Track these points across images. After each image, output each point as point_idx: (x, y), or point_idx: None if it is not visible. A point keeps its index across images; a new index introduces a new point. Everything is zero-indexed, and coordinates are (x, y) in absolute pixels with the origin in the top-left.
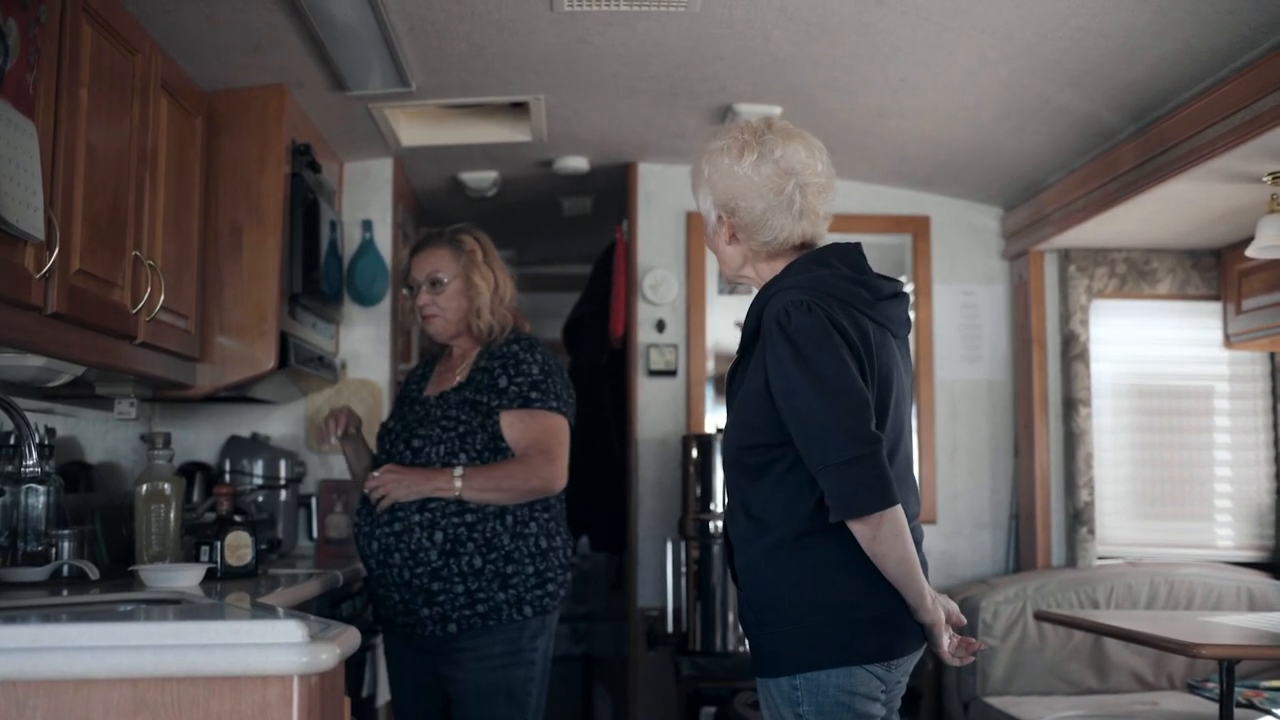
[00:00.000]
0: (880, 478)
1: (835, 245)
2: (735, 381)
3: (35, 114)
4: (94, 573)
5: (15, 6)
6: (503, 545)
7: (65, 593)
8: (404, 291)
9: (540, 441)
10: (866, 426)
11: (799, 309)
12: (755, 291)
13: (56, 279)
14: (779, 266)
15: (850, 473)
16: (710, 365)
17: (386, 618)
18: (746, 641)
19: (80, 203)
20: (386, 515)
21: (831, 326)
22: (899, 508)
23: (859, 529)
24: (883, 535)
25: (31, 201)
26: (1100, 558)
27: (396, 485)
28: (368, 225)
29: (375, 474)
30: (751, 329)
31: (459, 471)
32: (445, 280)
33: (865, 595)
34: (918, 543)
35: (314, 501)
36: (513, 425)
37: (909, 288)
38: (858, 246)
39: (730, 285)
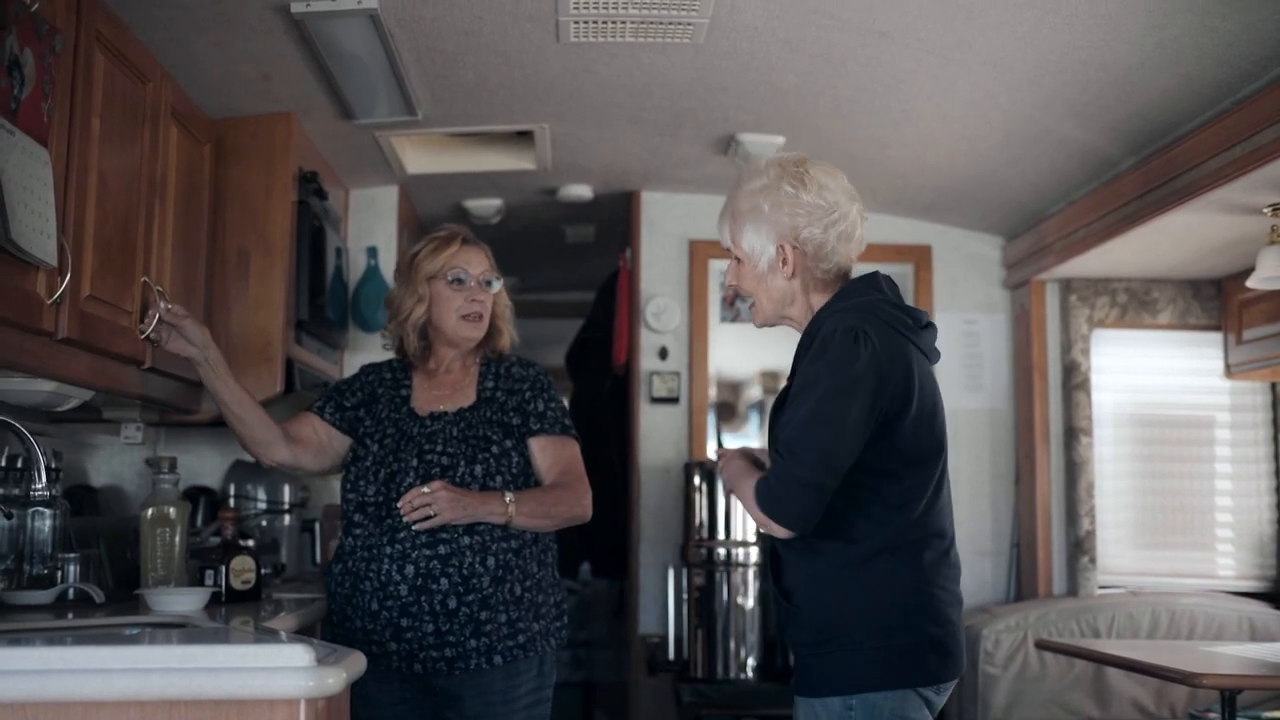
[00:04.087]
0: (813, 511)
1: (879, 273)
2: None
3: (49, 142)
4: (99, 596)
5: (31, 37)
6: (533, 573)
7: (70, 616)
8: (444, 282)
9: (574, 469)
10: (842, 462)
11: (848, 334)
12: (755, 322)
13: (67, 305)
14: (822, 300)
15: (806, 492)
16: (713, 392)
17: (395, 653)
18: (796, 659)
19: (91, 229)
20: (427, 536)
21: (871, 366)
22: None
23: (754, 512)
24: (763, 527)
25: (45, 228)
26: (1101, 587)
27: (453, 505)
28: (373, 252)
29: (425, 489)
30: (804, 352)
31: (510, 496)
32: (494, 283)
33: (924, 618)
34: (958, 569)
35: (317, 526)
36: (545, 450)
37: None
38: (891, 278)
39: (734, 314)
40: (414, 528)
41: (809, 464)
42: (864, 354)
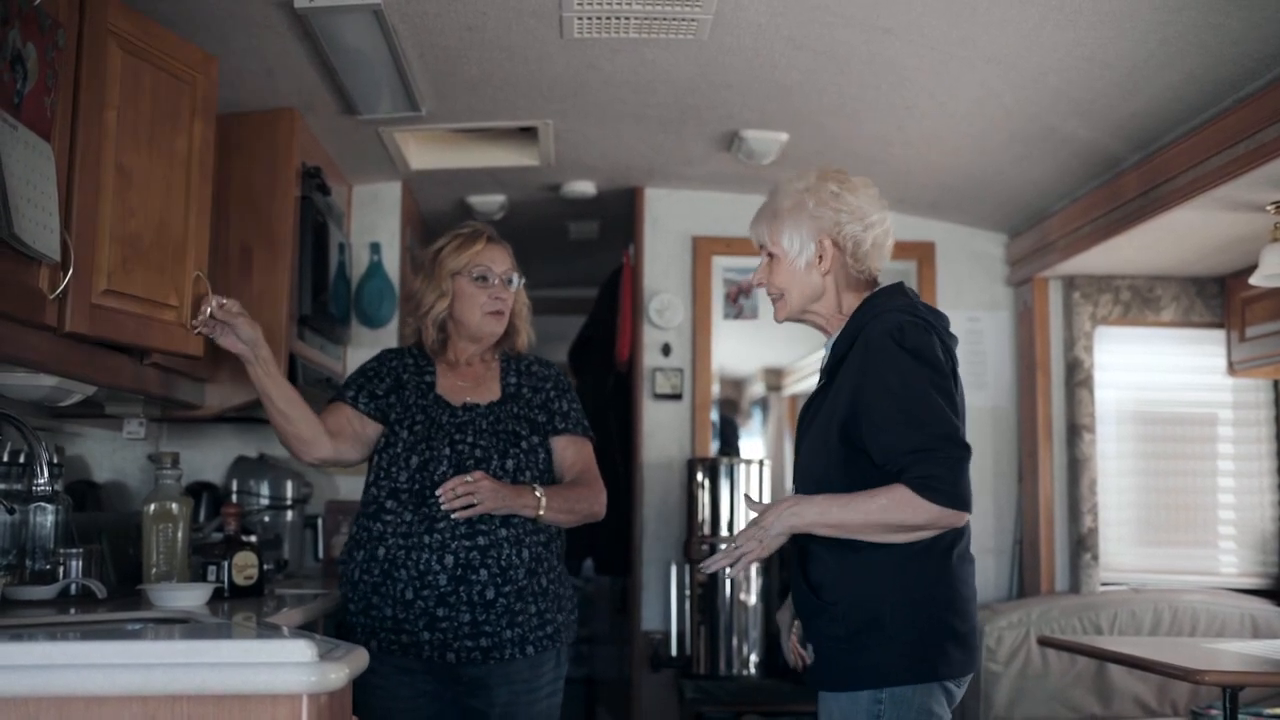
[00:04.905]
0: (969, 486)
1: (904, 283)
2: (819, 406)
3: (52, 136)
4: (101, 591)
5: (34, 31)
6: (555, 566)
7: (73, 611)
8: (468, 278)
9: (592, 468)
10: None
11: (915, 327)
12: (757, 316)
13: (73, 299)
14: (853, 300)
15: (962, 469)
16: (716, 389)
17: (428, 643)
18: (822, 654)
19: (108, 224)
20: (466, 527)
21: (938, 349)
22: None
23: (928, 513)
24: (935, 528)
25: (48, 223)
26: (1104, 584)
27: (494, 495)
28: (376, 248)
29: (467, 479)
30: (842, 353)
31: (540, 491)
32: (516, 282)
33: (953, 613)
34: (973, 562)
35: (320, 522)
36: (567, 449)
37: None
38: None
39: (737, 310)
40: (453, 516)
41: (962, 443)
42: (932, 340)
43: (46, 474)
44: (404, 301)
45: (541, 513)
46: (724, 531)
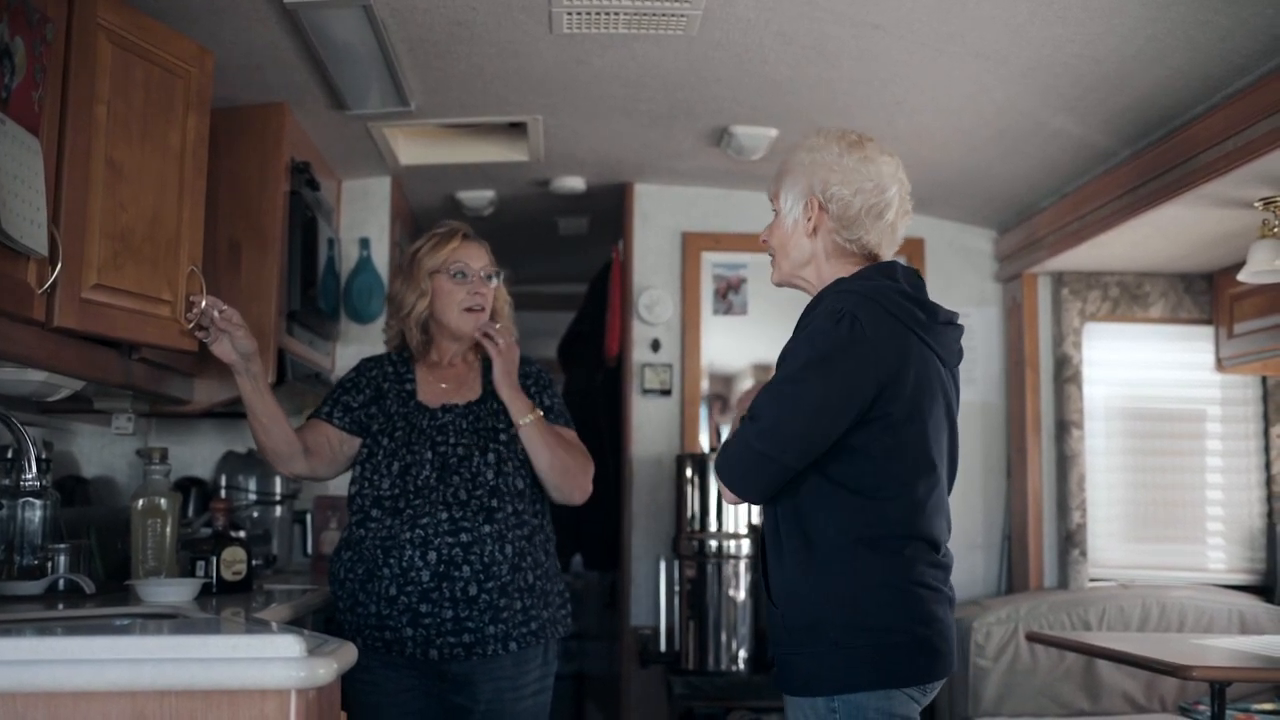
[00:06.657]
0: (759, 481)
1: (899, 263)
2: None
3: (40, 131)
4: (89, 587)
5: (22, 25)
6: (542, 562)
7: (61, 607)
8: (446, 276)
9: (580, 447)
10: (797, 441)
11: (831, 316)
12: (746, 312)
13: (62, 294)
14: (840, 271)
15: (757, 461)
16: (705, 385)
17: (411, 639)
18: (775, 658)
19: (98, 218)
20: (449, 524)
21: (849, 350)
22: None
23: (715, 465)
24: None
25: (35, 218)
26: (1092, 580)
27: (509, 358)
28: (365, 243)
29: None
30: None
31: (538, 412)
32: (495, 278)
33: (905, 618)
34: (948, 569)
35: (309, 517)
36: None
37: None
38: (918, 272)
39: (726, 306)
40: (473, 330)
41: (760, 432)
42: (844, 336)
43: (35, 469)
44: (388, 303)
45: (525, 422)
46: (713, 526)
